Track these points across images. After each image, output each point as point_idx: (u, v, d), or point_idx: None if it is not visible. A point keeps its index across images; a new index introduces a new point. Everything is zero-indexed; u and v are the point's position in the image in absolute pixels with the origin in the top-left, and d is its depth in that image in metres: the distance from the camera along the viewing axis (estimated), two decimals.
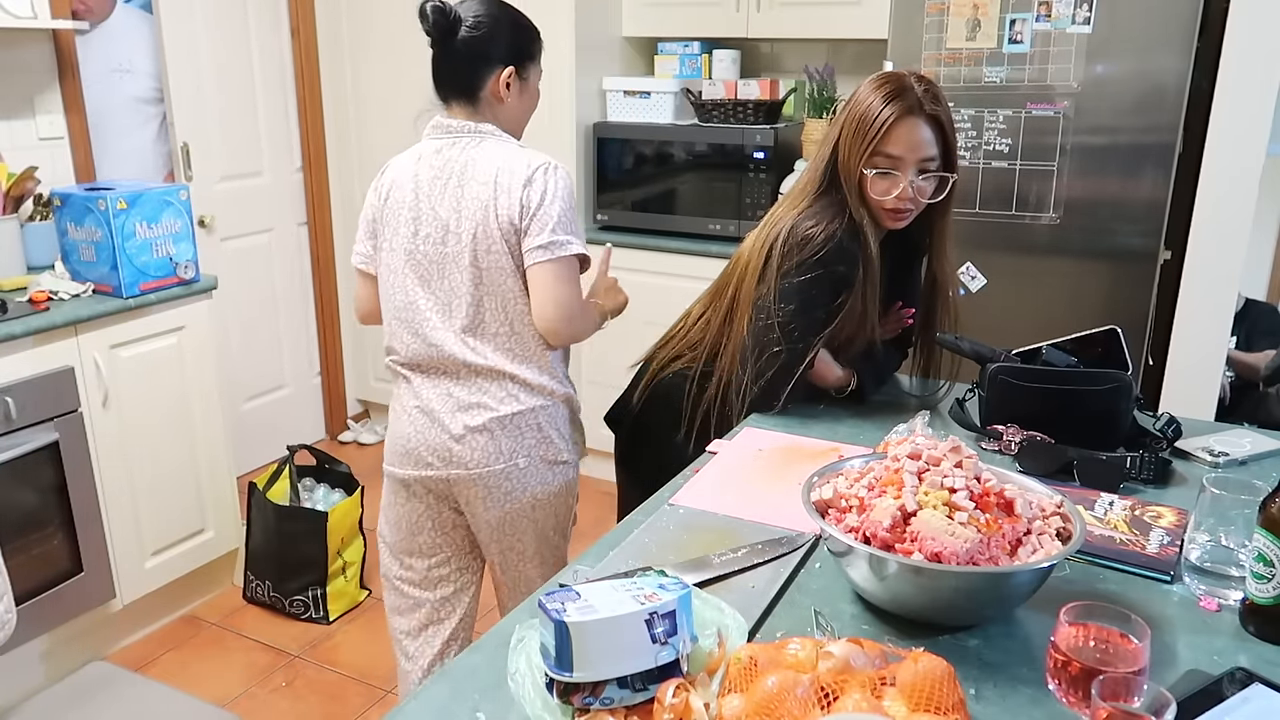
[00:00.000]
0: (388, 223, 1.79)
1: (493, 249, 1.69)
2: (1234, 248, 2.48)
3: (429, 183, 1.74)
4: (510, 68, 1.75)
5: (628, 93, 3.44)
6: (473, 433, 1.74)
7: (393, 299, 1.79)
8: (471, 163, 1.72)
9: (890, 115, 1.56)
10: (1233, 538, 1.17)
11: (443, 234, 1.72)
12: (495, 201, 1.68)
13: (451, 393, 1.76)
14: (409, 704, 0.98)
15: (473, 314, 1.72)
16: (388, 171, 1.85)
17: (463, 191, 1.71)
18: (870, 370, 1.79)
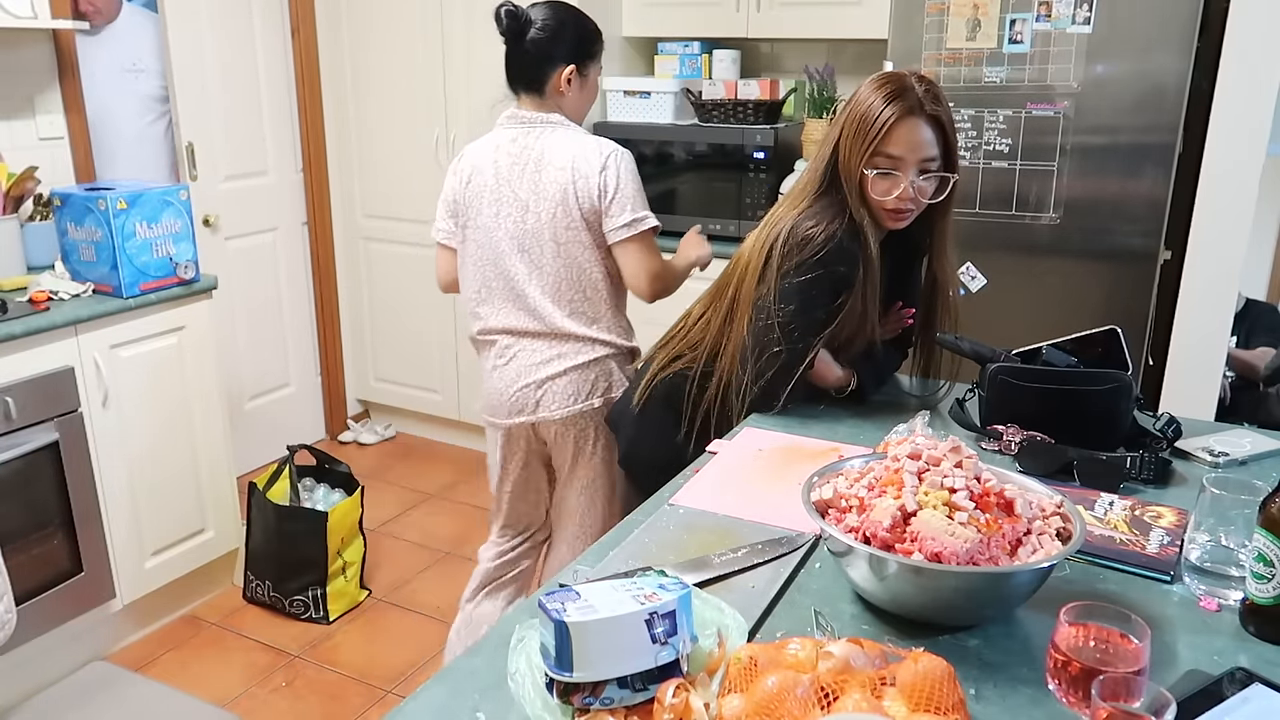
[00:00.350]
0: (470, 204, 2.04)
1: (571, 226, 1.96)
2: (1234, 248, 2.47)
3: (508, 168, 1.99)
4: (572, 65, 2.00)
5: (628, 93, 3.44)
6: (552, 380, 2.04)
7: (481, 271, 2.06)
8: (547, 149, 1.97)
9: (891, 115, 1.56)
10: (1233, 538, 1.17)
11: (522, 213, 1.98)
12: (574, 185, 1.94)
13: (534, 349, 2.04)
14: (409, 704, 0.98)
15: (550, 282, 2.01)
16: (466, 157, 2.08)
17: (540, 175, 1.96)
18: (870, 370, 1.79)
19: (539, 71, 1.99)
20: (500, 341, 2.08)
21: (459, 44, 3.50)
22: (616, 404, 1.98)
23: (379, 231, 3.90)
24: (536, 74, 1.99)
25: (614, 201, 1.95)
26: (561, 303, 2.02)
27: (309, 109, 3.76)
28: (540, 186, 1.96)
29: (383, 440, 4.09)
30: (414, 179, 3.74)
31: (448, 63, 3.55)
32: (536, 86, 2.00)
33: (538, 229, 1.97)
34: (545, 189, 1.95)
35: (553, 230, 1.96)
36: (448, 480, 3.75)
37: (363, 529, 2.92)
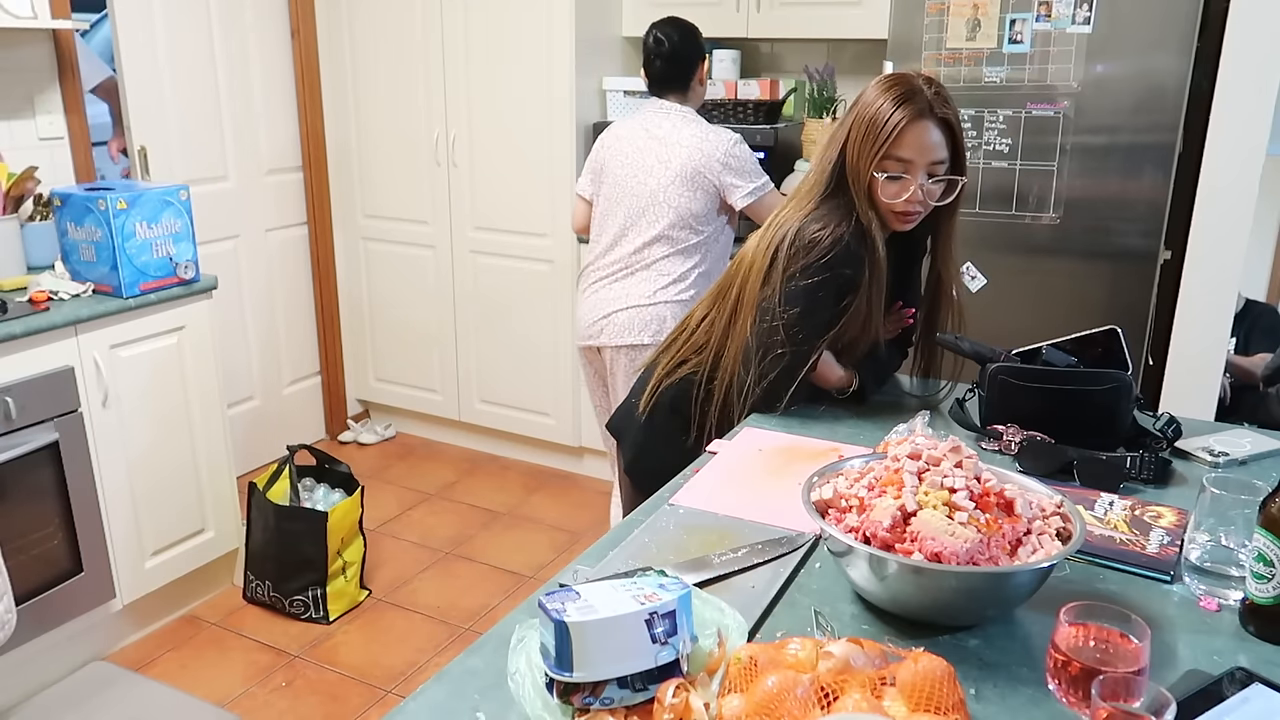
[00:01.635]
0: (609, 167, 2.67)
1: (684, 194, 2.57)
2: (1234, 248, 2.47)
3: (645, 142, 2.63)
4: (702, 65, 2.71)
5: (628, 93, 3.44)
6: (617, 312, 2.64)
7: (602, 221, 2.69)
8: (674, 130, 2.62)
9: (902, 119, 1.56)
10: (1233, 538, 1.17)
11: (646, 178, 2.60)
12: (702, 161, 2.56)
13: (624, 288, 2.64)
14: (409, 704, 0.98)
15: (652, 238, 2.60)
16: (612, 130, 2.74)
17: (669, 151, 2.59)
18: (871, 370, 1.79)
19: (684, 75, 2.68)
20: (594, 278, 2.77)
21: (458, 44, 3.50)
22: (620, 410, 1.97)
23: (379, 232, 3.90)
24: (682, 77, 2.68)
25: (738, 175, 2.60)
26: (655, 256, 2.67)
27: (309, 109, 3.76)
28: (670, 159, 2.59)
29: (383, 440, 4.10)
30: (414, 179, 3.74)
31: (447, 63, 3.55)
32: (684, 85, 2.68)
33: (655, 192, 2.63)
34: (674, 161, 2.58)
35: (668, 196, 2.60)
36: (448, 480, 3.75)
37: (363, 529, 2.92)
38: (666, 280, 2.61)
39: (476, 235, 3.67)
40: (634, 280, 2.63)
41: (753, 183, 2.59)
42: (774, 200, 2.57)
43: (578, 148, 3.41)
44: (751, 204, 2.59)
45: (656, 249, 2.61)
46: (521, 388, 3.73)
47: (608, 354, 2.68)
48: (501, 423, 3.76)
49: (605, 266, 2.69)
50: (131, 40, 3.14)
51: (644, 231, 2.61)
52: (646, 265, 2.62)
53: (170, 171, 3.30)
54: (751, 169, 2.60)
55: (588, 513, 3.50)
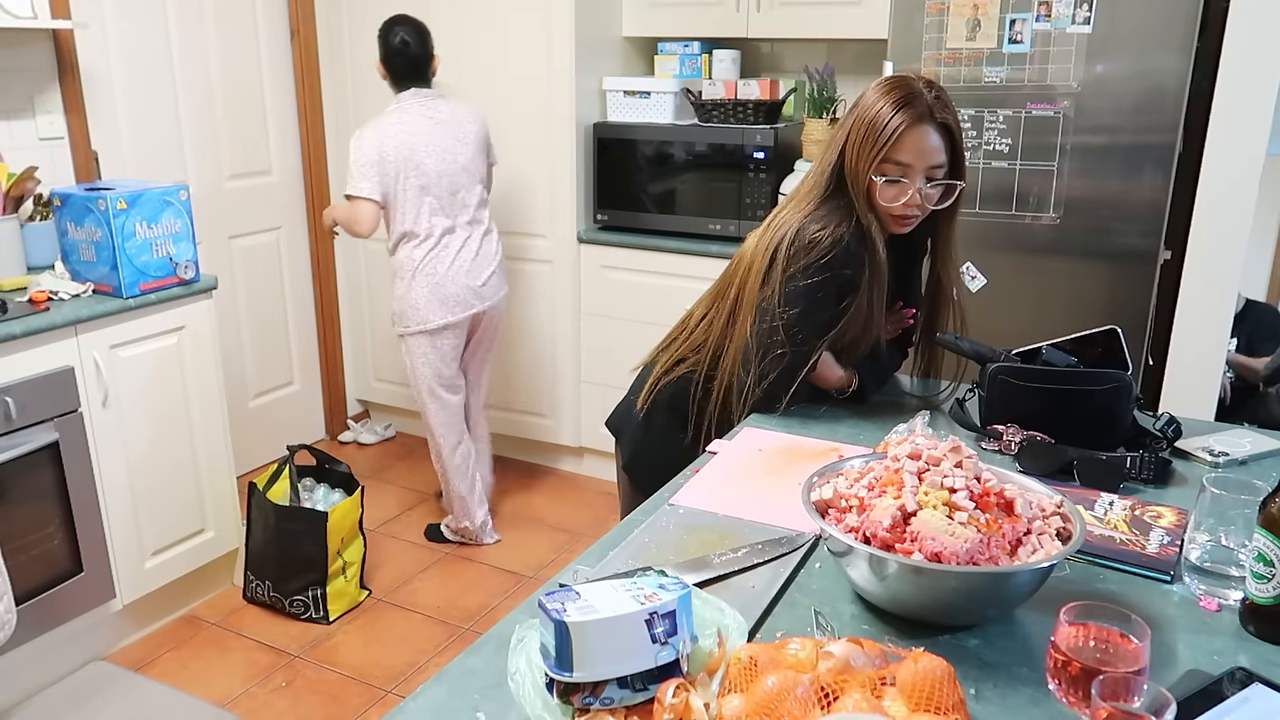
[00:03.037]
0: (411, 161, 2.89)
1: (481, 160, 3.04)
2: (1234, 248, 2.47)
3: (434, 128, 2.90)
4: (434, 57, 2.99)
5: (628, 93, 3.44)
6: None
7: (419, 210, 2.98)
8: (452, 111, 2.96)
9: (901, 123, 1.56)
10: (1233, 538, 1.17)
11: (455, 157, 2.95)
12: (483, 128, 3.05)
13: (482, 254, 3.05)
14: (409, 704, 0.98)
15: (476, 205, 3.04)
16: (390, 130, 2.87)
17: (461, 129, 2.96)
18: (871, 371, 1.79)
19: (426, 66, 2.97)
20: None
21: (457, 44, 3.50)
22: (619, 408, 1.97)
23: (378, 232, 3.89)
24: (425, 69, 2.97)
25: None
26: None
27: (309, 109, 3.76)
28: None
29: (383, 440, 4.10)
30: None
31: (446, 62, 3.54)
32: (424, 76, 2.97)
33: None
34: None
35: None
36: None
37: (363, 529, 2.92)
38: (495, 233, 3.09)
39: None
40: (485, 245, 3.02)
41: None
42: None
43: (578, 148, 3.42)
44: (494, 163, 3.13)
45: (482, 212, 3.03)
46: (519, 391, 3.73)
47: (491, 315, 3.08)
48: (499, 426, 3.76)
49: (453, 244, 2.96)
50: (131, 42, 3.14)
51: (469, 202, 2.97)
52: (486, 230, 3.04)
53: (167, 171, 3.30)
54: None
55: (588, 513, 3.50)
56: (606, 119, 3.50)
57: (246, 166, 3.59)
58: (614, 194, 3.47)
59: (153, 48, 3.21)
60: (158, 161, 3.27)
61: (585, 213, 3.53)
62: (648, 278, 3.39)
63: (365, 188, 2.85)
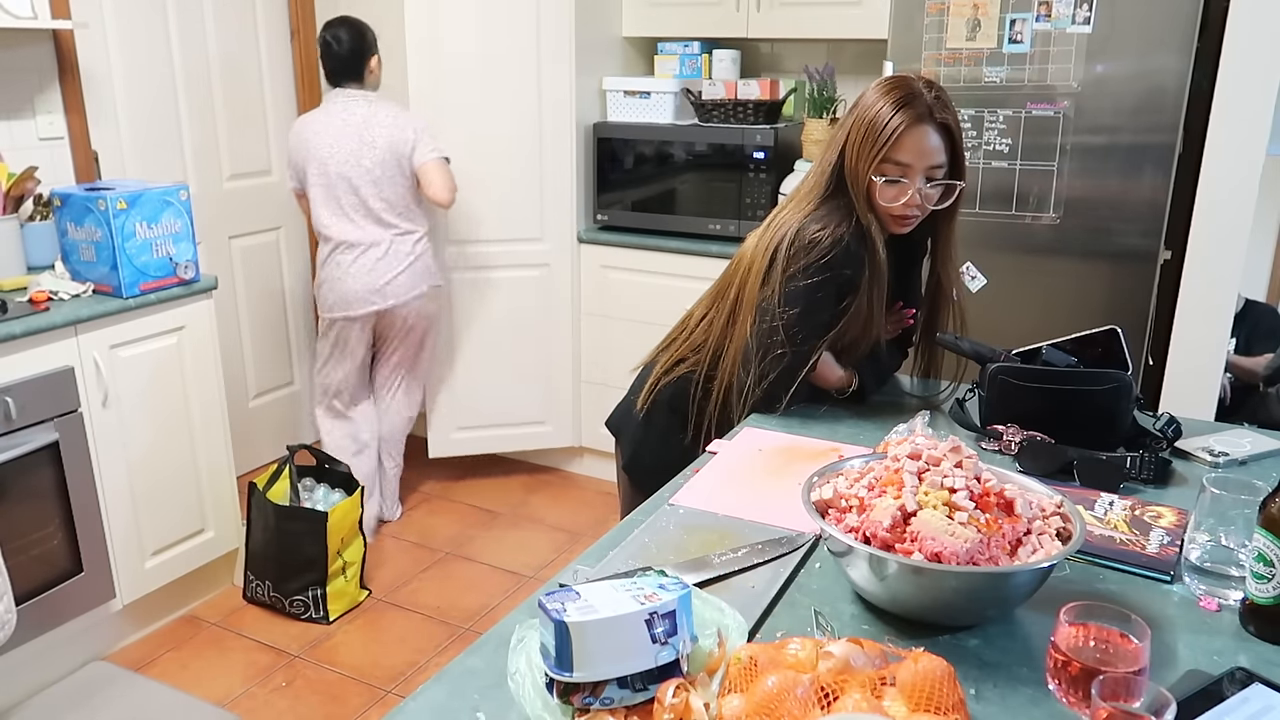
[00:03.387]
0: (317, 158, 3.00)
1: (392, 167, 2.99)
2: (1234, 248, 2.47)
3: (343, 129, 2.96)
4: (373, 57, 3.08)
5: (628, 93, 3.44)
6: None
7: (328, 206, 3.07)
8: (371, 114, 2.99)
9: (900, 123, 1.56)
10: (1233, 538, 1.17)
11: (359, 159, 2.98)
12: (398, 134, 2.99)
13: (390, 254, 3.08)
14: (409, 704, 0.98)
15: (381, 209, 3.04)
16: (308, 125, 3.02)
17: (372, 133, 2.96)
18: (871, 371, 1.79)
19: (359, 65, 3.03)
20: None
21: (449, 45, 3.49)
22: (619, 408, 1.97)
23: None
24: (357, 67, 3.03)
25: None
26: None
27: (309, 109, 3.74)
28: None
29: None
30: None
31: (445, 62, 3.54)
32: (357, 76, 3.04)
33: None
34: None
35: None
36: (448, 480, 3.75)
37: (363, 529, 2.91)
38: (415, 234, 3.08)
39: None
40: (397, 246, 3.04)
41: (434, 144, 3.00)
42: (444, 171, 3.00)
43: (578, 148, 3.42)
44: (425, 163, 2.98)
45: (395, 217, 3.02)
46: (520, 391, 3.68)
47: (399, 314, 3.10)
48: (493, 445, 3.73)
49: (363, 234, 3.00)
50: (131, 42, 3.14)
51: (373, 206, 2.99)
52: (401, 233, 3.05)
53: (168, 171, 3.30)
54: (431, 137, 3.02)
55: (588, 513, 3.50)
56: (606, 119, 3.50)
57: (246, 166, 3.59)
58: (614, 194, 3.47)
59: (153, 48, 3.21)
60: (158, 161, 3.27)
61: (585, 213, 3.53)
62: (647, 278, 3.39)
63: (291, 182, 3.11)
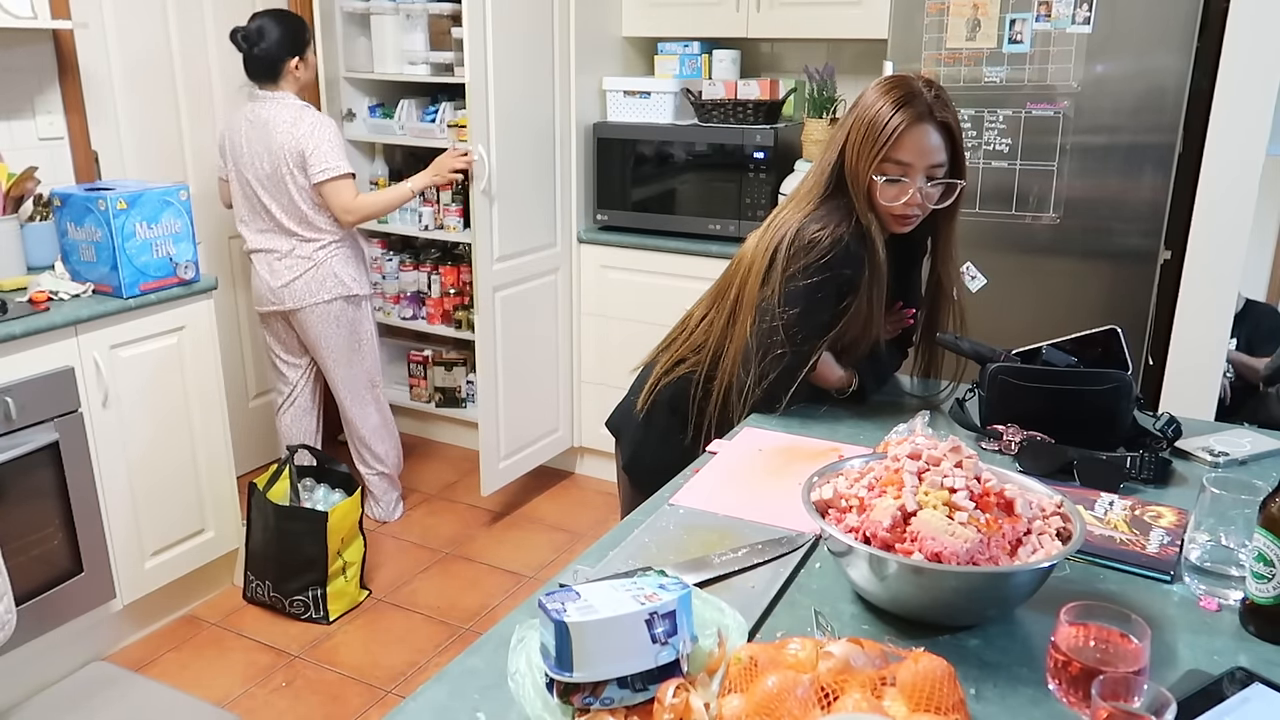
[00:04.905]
0: (232, 153, 3.01)
1: (288, 170, 2.91)
2: (1234, 248, 2.47)
3: (249, 129, 2.93)
4: (292, 58, 2.93)
5: (628, 93, 3.44)
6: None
7: (241, 201, 3.09)
8: (272, 115, 2.90)
9: (901, 122, 1.56)
10: (1233, 538, 1.17)
11: (260, 161, 2.96)
12: (290, 140, 2.88)
13: (288, 257, 3.07)
14: (409, 704, 0.98)
15: (281, 211, 3.00)
16: (230, 118, 3.00)
17: (269, 135, 2.88)
18: (871, 371, 1.79)
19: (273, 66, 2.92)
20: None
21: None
22: (619, 408, 1.97)
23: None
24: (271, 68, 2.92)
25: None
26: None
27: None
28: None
29: None
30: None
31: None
32: (272, 76, 2.92)
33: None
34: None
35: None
36: (448, 480, 3.75)
37: (363, 529, 2.92)
38: (317, 242, 3.01)
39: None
40: (298, 250, 3.00)
41: (326, 163, 2.86)
42: (344, 190, 2.90)
43: (578, 148, 3.42)
44: (321, 182, 2.88)
45: (289, 221, 2.97)
46: (538, 413, 3.54)
47: (301, 318, 3.07)
48: (528, 464, 3.57)
49: (264, 240, 3.03)
50: (131, 42, 3.14)
51: (273, 211, 2.96)
52: (303, 240, 3.00)
53: (168, 171, 3.30)
54: (329, 152, 2.87)
55: (588, 513, 3.50)
56: (606, 119, 3.50)
57: (229, 172, 3.58)
58: (614, 194, 3.47)
59: (153, 48, 3.21)
60: (158, 161, 3.27)
61: (585, 213, 3.53)
62: (647, 278, 3.39)
63: (221, 167, 3.10)
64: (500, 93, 3.06)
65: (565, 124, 3.37)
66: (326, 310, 3.06)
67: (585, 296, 3.55)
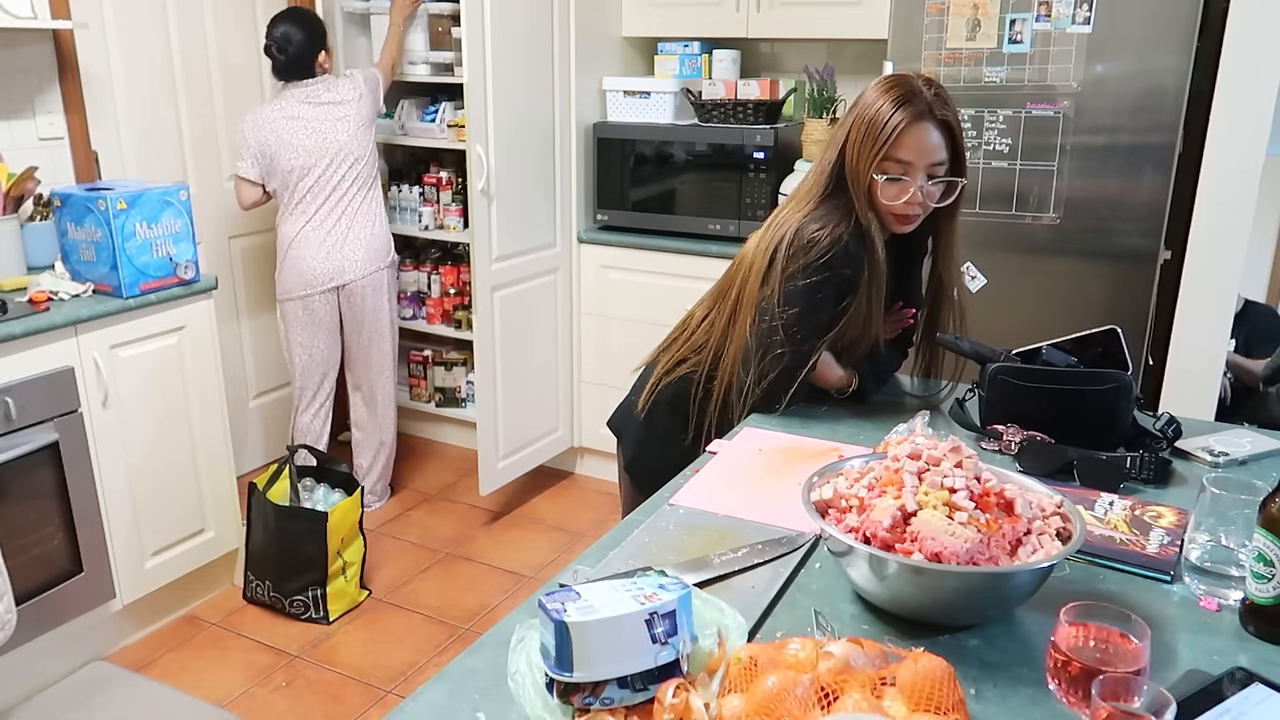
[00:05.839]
0: (289, 144, 3.13)
1: (367, 135, 3.26)
2: (1234, 248, 2.47)
3: (313, 111, 3.12)
4: (321, 51, 3.15)
5: (628, 93, 3.44)
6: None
7: (296, 189, 3.20)
8: (329, 92, 3.14)
9: (901, 121, 1.56)
10: (1233, 538, 1.17)
11: (334, 137, 3.17)
12: (370, 98, 3.26)
13: (356, 231, 3.26)
14: (409, 704, 0.98)
15: (354, 183, 3.24)
16: (268, 116, 3.10)
17: (341, 109, 3.17)
18: (871, 371, 1.79)
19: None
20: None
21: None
22: (620, 408, 1.97)
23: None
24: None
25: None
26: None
27: None
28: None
29: None
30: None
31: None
32: (309, 72, 3.14)
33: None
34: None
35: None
36: (448, 480, 3.75)
37: (363, 529, 2.92)
38: (379, 212, 3.26)
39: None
40: (359, 221, 3.19)
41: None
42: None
43: (578, 148, 3.41)
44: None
45: (361, 191, 3.18)
46: (537, 413, 3.54)
47: (355, 288, 3.22)
48: (527, 464, 3.57)
49: (328, 221, 3.15)
50: (131, 42, 3.14)
51: (348, 180, 3.15)
52: (359, 207, 3.18)
53: (168, 171, 3.30)
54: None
55: (588, 513, 3.50)
56: (606, 119, 3.50)
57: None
58: (614, 194, 3.47)
59: (153, 48, 3.21)
60: (158, 161, 3.27)
61: (585, 213, 3.53)
62: (648, 278, 3.39)
63: (243, 169, 3.15)
64: (499, 93, 3.05)
65: (565, 124, 3.37)
66: (380, 278, 3.26)
67: (585, 296, 3.55)
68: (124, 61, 3.13)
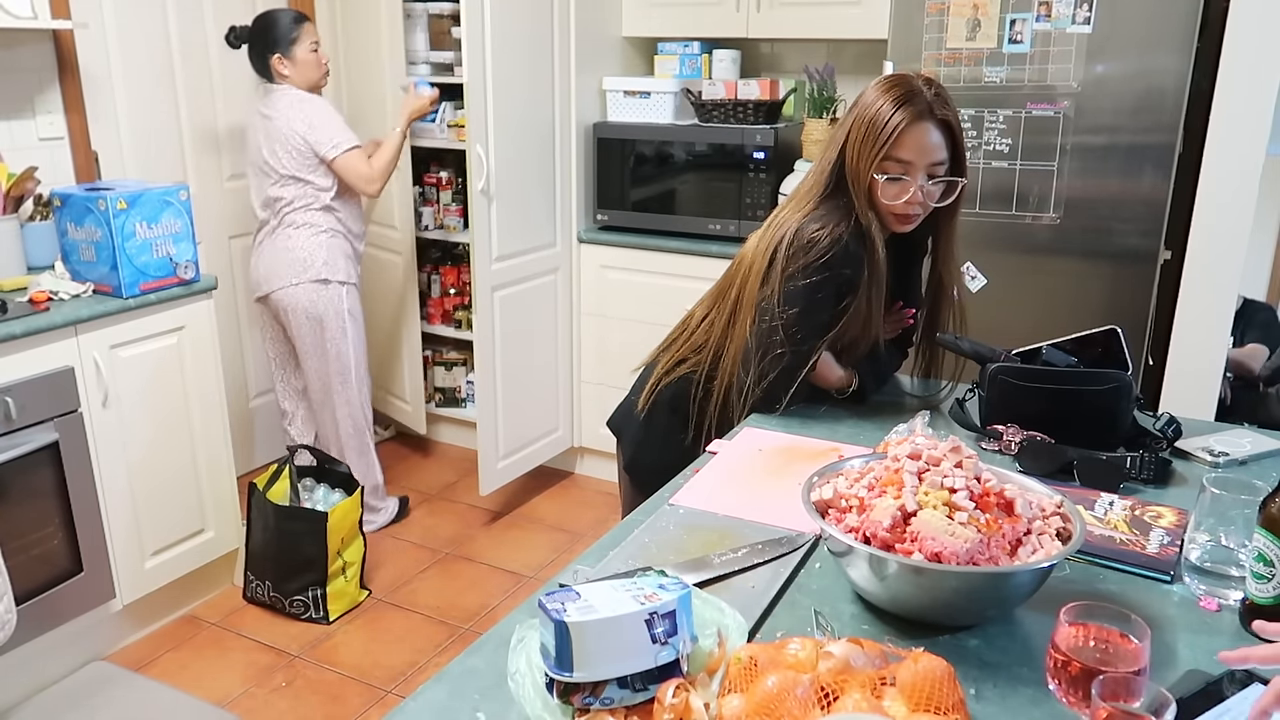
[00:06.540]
0: (247, 145, 3.15)
1: (284, 156, 3.02)
2: (1234, 248, 2.47)
3: (258, 121, 3.04)
4: (275, 54, 2.98)
5: (628, 93, 3.44)
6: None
7: (252, 191, 3.18)
8: (272, 106, 3.00)
9: (902, 120, 1.56)
10: (1233, 538, 1.17)
11: (261, 149, 3.07)
12: (286, 126, 2.99)
13: (274, 243, 3.12)
14: (409, 704, 0.98)
15: (274, 198, 3.09)
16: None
17: (270, 125, 3.00)
18: (871, 371, 1.79)
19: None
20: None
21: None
22: (620, 408, 1.97)
23: (375, 238, 3.89)
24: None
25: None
26: None
27: None
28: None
29: (383, 440, 4.09)
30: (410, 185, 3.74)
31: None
32: (265, 71, 3.02)
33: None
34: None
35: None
36: (448, 480, 3.75)
37: (362, 529, 2.92)
38: (306, 231, 3.05)
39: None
40: (279, 235, 3.06)
41: (333, 139, 2.97)
42: (354, 160, 2.99)
43: (578, 148, 3.41)
44: (336, 158, 2.98)
45: (281, 206, 3.04)
46: (536, 413, 3.54)
47: (278, 302, 3.10)
48: (526, 464, 3.56)
49: (263, 230, 3.11)
50: (131, 42, 3.14)
51: (272, 193, 3.04)
52: (280, 221, 3.06)
53: (168, 171, 3.30)
54: (334, 129, 2.99)
55: (588, 513, 3.50)
56: (606, 119, 3.50)
57: (246, 166, 3.59)
58: (614, 194, 3.47)
59: (153, 48, 3.21)
60: (158, 161, 3.27)
61: (585, 213, 3.53)
62: (647, 278, 3.39)
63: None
64: (499, 93, 3.05)
65: (565, 124, 3.37)
66: (303, 296, 3.09)
67: (585, 296, 3.55)
68: (124, 61, 3.13)
